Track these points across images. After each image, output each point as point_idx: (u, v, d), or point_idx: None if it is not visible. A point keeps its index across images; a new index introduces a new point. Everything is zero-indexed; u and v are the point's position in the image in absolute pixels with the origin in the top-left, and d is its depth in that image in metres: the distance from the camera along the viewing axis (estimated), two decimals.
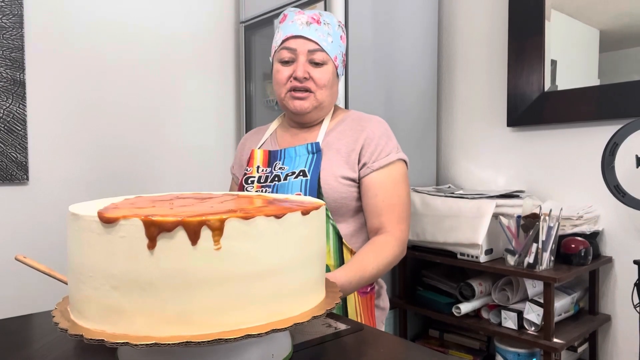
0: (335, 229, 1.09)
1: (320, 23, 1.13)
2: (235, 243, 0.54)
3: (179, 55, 2.04)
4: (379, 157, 1.11)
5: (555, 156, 1.76)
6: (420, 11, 1.95)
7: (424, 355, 0.72)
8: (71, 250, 0.59)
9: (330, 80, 1.14)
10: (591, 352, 1.64)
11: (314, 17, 1.13)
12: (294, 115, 1.18)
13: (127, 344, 0.51)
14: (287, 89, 1.14)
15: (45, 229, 1.71)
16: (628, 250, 1.59)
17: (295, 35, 1.12)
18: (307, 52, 1.12)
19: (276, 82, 1.17)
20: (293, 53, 1.12)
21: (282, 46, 1.14)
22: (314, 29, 1.12)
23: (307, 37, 1.11)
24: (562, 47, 1.73)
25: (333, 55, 1.14)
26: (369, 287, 1.14)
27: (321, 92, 1.14)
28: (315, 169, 1.09)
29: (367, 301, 1.13)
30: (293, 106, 1.14)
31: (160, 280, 0.52)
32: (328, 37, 1.13)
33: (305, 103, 1.13)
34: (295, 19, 1.14)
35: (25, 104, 1.64)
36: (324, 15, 1.15)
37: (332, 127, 1.18)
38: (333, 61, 1.14)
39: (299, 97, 1.13)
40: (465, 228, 1.57)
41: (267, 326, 0.55)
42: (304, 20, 1.13)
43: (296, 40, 1.12)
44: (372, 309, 1.14)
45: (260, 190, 1.14)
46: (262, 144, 1.26)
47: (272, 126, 1.30)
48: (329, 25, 1.14)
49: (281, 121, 1.30)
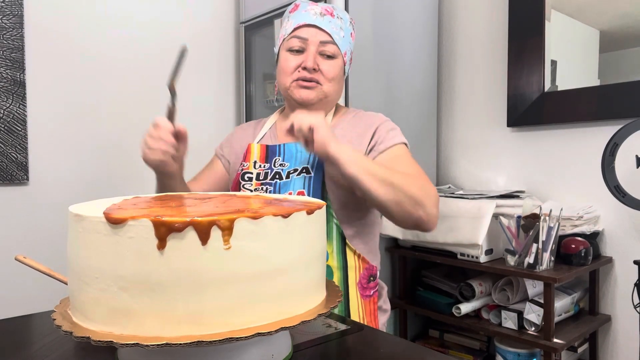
0: (339, 229, 1.07)
1: (334, 16, 1.11)
2: (245, 243, 0.54)
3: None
4: (385, 139, 1.08)
5: (555, 156, 1.76)
6: (420, 11, 1.96)
7: (424, 355, 0.72)
8: (73, 251, 0.58)
9: (338, 74, 1.12)
10: (591, 353, 1.64)
11: (328, 10, 1.11)
12: (298, 106, 1.13)
13: (137, 345, 0.50)
14: (293, 78, 1.10)
15: (45, 229, 1.71)
16: (628, 250, 1.59)
17: (309, 24, 1.09)
18: (319, 43, 1.09)
19: (282, 70, 1.12)
20: (304, 42, 1.09)
21: (292, 34, 1.11)
22: (327, 20, 1.09)
23: (320, 27, 1.09)
24: (562, 47, 1.73)
25: (343, 51, 1.12)
26: (372, 290, 1.11)
27: (329, 85, 1.11)
28: (319, 166, 1.07)
29: (369, 305, 1.10)
30: (299, 95, 1.10)
31: (170, 280, 0.52)
32: (340, 32, 1.11)
33: (312, 93, 1.10)
34: (308, 8, 1.11)
35: (25, 104, 1.64)
36: (338, 9, 1.13)
37: (335, 123, 1.16)
38: (343, 56, 1.12)
39: (306, 86, 1.10)
40: (466, 228, 1.58)
41: (276, 324, 0.55)
42: (318, 10, 1.10)
43: (308, 29, 1.09)
44: (375, 313, 1.11)
45: (259, 188, 1.10)
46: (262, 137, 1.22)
47: (270, 120, 1.25)
48: (342, 19, 1.12)
49: (279, 116, 1.25)
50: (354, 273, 1.07)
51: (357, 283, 1.08)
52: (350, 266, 1.07)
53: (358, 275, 1.08)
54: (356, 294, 1.07)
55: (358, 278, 1.08)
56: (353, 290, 1.07)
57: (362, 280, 1.08)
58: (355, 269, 1.07)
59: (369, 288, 1.10)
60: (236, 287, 0.54)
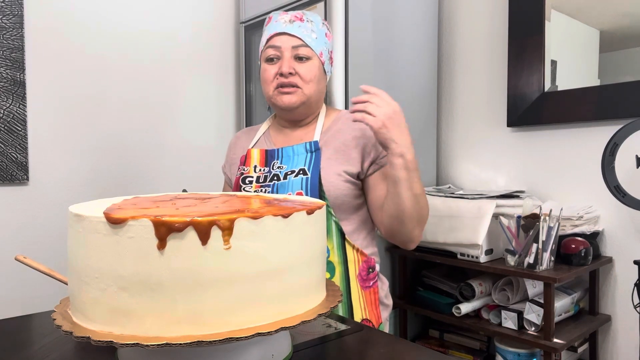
0: (338, 225, 1.11)
1: (303, 20, 1.16)
2: (245, 243, 0.54)
3: (179, 55, 2.04)
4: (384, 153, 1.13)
5: (555, 156, 1.76)
6: (420, 11, 1.96)
7: (424, 355, 0.72)
8: (74, 251, 0.58)
9: (316, 75, 1.16)
10: (591, 353, 1.64)
11: (297, 16, 1.17)
12: (283, 112, 1.20)
13: (138, 344, 0.50)
14: (274, 86, 1.16)
15: (45, 229, 1.71)
16: (628, 250, 1.59)
17: (279, 32, 1.15)
18: (291, 48, 1.14)
19: (263, 80, 1.19)
20: (278, 50, 1.15)
21: (267, 45, 1.18)
22: (297, 25, 1.15)
23: (290, 34, 1.14)
24: (562, 47, 1.73)
25: (318, 51, 1.16)
26: (372, 281, 1.16)
27: (308, 87, 1.15)
28: (315, 167, 1.11)
29: (370, 295, 1.15)
30: (281, 101, 1.16)
31: (170, 280, 0.52)
32: (312, 34, 1.15)
33: (293, 97, 1.15)
34: (279, 18, 1.18)
35: (25, 104, 1.64)
36: (307, 14, 1.18)
37: (328, 125, 1.20)
38: (319, 57, 1.16)
39: (287, 92, 1.15)
40: (466, 228, 1.58)
41: (276, 324, 0.55)
42: (287, 19, 1.16)
43: (280, 37, 1.15)
44: (376, 303, 1.16)
45: (259, 190, 1.15)
46: (255, 143, 1.27)
47: (263, 126, 1.31)
48: (312, 22, 1.17)
49: (272, 122, 1.31)
50: (353, 266, 1.13)
51: (357, 275, 1.13)
52: (350, 260, 1.12)
53: (357, 268, 1.13)
54: (357, 285, 1.12)
55: (358, 270, 1.13)
56: (354, 282, 1.12)
57: (361, 272, 1.14)
58: (354, 262, 1.13)
59: (368, 279, 1.15)
60: (236, 287, 0.54)
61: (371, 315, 1.14)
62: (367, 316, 1.12)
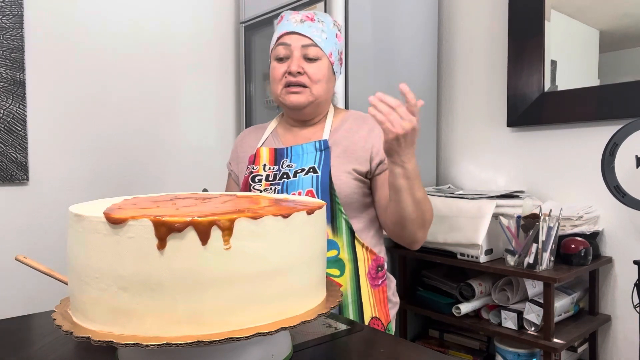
0: (348, 223, 1.12)
1: (314, 21, 1.16)
2: (245, 243, 0.54)
3: (179, 55, 2.04)
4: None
5: (555, 156, 1.76)
6: (420, 11, 1.96)
7: (424, 355, 0.72)
8: (73, 251, 0.58)
9: (325, 75, 1.16)
10: (591, 353, 1.64)
11: (308, 16, 1.17)
12: (291, 111, 1.20)
13: (138, 344, 0.50)
14: (282, 84, 1.17)
15: (45, 229, 1.71)
16: (628, 250, 1.59)
17: (290, 31, 1.16)
18: (301, 47, 1.15)
19: (272, 79, 1.19)
20: (287, 49, 1.16)
21: (277, 43, 1.18)
22: (307, 25, 1.15)
23: (300, 33, 1.15)
24: (562, 47, 1.73)
25: (328, 52, 1.16)
26: (381, 279, 1.17)
27: (316, 87, 1.15)
28: (325, 165, 1.12)
29: (379, 293, 1.16)
30: (289, 101, 1.16)
31: (170, 280, 0.52)
32: (322, 34, 1.16)
33: (301, 97, 1.15)
34: (290, 17, 1.18)
35: (25, 104, 1.64)
36: (319, 14, 1.19)
37: (337, 125, 1.21)
38: (328, 57, 1.17)
39: (294, 91, 1.15)
40: (465, 228, 1.58)
41: (276, 324, 0.55)
42: (298, 18, 1.17)
43: (290, 36, 1.16)
44: (385, 301, 1.17)
45: (269, 188, 1.15)
46: (264, 142, 1.27)
47: (271, 125, 1.31)
48: (323, 23, 1.18)
49: (279, 120, 1.31)
50: (363, 265, 1.14)
51: (367, 274, 1.14)
52: (360, 258, 1.13)
53: (367, 267, 1.14)
54: (367, 284, 1.13)
55: (367, 269, 1.14)
56: (364, 280, 1.13)
57: (371, 270, 1.15)
58: (364, 261, 1.14)
59: (377, 278, 1.16)
60: (236, 287, 0.54)
61: (380, 314, 1.14)
62: (376, 314, 1.13)
